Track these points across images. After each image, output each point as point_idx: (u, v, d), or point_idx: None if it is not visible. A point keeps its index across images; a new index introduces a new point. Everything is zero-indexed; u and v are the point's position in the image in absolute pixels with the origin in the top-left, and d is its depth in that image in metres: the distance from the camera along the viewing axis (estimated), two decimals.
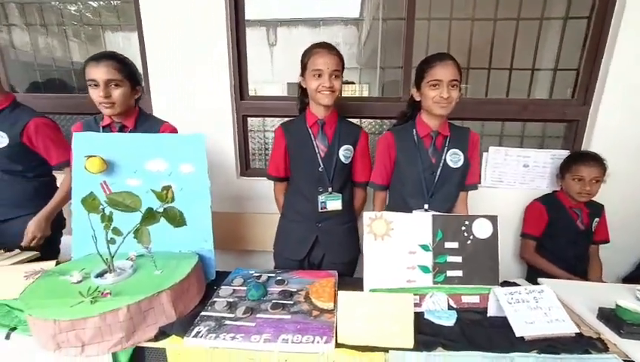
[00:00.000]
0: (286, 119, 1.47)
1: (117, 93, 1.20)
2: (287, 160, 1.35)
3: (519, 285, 1.04)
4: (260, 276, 1.15)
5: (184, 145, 1.10)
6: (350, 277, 1.24)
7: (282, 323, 0.88)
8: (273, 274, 1.16)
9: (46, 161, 1.49)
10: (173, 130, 1.34)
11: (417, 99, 1.24)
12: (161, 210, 0.83)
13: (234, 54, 1.64)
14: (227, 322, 0.88)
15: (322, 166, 1.28)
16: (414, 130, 1.25)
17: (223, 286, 1.06)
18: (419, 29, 1.66)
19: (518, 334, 0.83)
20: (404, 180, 1.25)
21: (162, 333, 0.86)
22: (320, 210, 1.29)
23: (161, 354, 0.87)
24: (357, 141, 1.33)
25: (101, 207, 0.83)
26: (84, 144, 1.10)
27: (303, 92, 1.32)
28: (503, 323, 0.90)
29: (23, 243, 1.39)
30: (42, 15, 2.04)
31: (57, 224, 1.60)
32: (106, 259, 0.94)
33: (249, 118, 1.78)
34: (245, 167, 1.83)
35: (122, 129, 1.28)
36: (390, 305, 0.85)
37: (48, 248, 1.47)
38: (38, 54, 2.11)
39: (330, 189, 1.29)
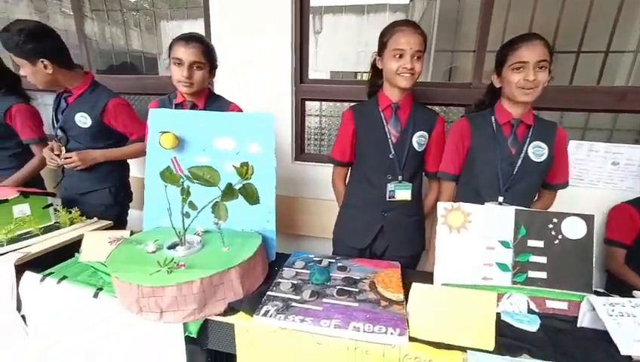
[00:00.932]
0: (347, 104, 1.42)
1: (198, 74, 1.23)
2: (354, 144, 1.29)
3: (610, 295, 0.92)
4: (321, 261, 1.13)
5: (253, 125, 1.10)
6: (415, 270, 1.18)
7: (350, 310, 0.85)
8: (333, 260, 1.14)
9: (123, 138, 1.61)
10: (240, 111, 1.36)
11: (497, 85, 1.12)
12: (238, 186, 0.82)
13: (297, 38, 1.62)
14: (294, 304, 0.87)
15: (393, 152, 1.21)
16: (493, 118, 1.14)
17: (285, 268, 1.06)
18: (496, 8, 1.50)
19: (623, 352, 0.73)
20: (478, 171, 1.15)
21: (231, 309, 0.87)
22: (388, 199, 1.23)
23: (229, 329, 0.89)
24: (433, 128, 1.24)
25: (181, 180, 0.84)
26: (159, 120, 1.13)
27: (377, 73, 1.26)
28: (597, 337, 0.79)
29: (63, 154, 1.47)
30: (105, 4, 2.17)
31: (125, 197, 1.72)
32: (179, 232, 0.96)
33: (307, 102, 1.75)
34: (300, 151, 1.82)
35: (193, 107, 1.32)
36: (469, 302, 0.79)
37: (118, 219, 1.58)
38: (102, 42, 2.26)
39: (400, 178, 1.22)
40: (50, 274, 1.01)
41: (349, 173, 1.37)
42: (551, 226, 0.91)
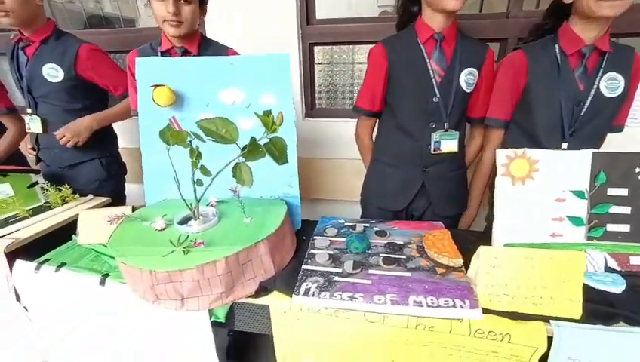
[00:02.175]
0: (367, 46, 1.18)
1: (187, 10, 0.99)
2: (386, 88, 1.07)
3: None
4: (354, 226, 0.99)
5: (265, 69, 0.90)
6: (464, 230, 1.04)
7: (404, 281, 0.73)
8: (368, 225, 1.00)
9: (104, 95, 1.38)
10: None
11: (568, 0, 0.89)
12: (263, 141, 0.64)
13: None
14: (337, 278, 0.74)
15: (438, 95, 1.00)
16: (556, 47, 0.93)
17: (316, 237, 0.92)
18: None
19: None
20: (537, 114, 0.97)
21: (264, 289, 0.74)
22: (432, 152, 1.04)
23: (262, 311, 0.77)
24: (482, 63, 1.01)
25: (189, 139, 0.67)
26: (148, 71, 0.93)
27: None
28: None
29: (56, 136, 1.27)
30: None
31: (119, 169, 1.54)
32: (191, 204, 0.81)
33: (315, 47, 1.51)
34: (311, 107, 1.61)
35: (185, 54, 1.09)
36: (552, 264, 0.66)
37: (115, 195, 1.41)
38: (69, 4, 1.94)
39: (446, 125, 1.02)
40: (47, 262, 0.87)
41: (377, 125, 1.18)
42: (639, 170, 0.76)
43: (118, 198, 1.43)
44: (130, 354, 0.86)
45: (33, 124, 1.31)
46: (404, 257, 0.82)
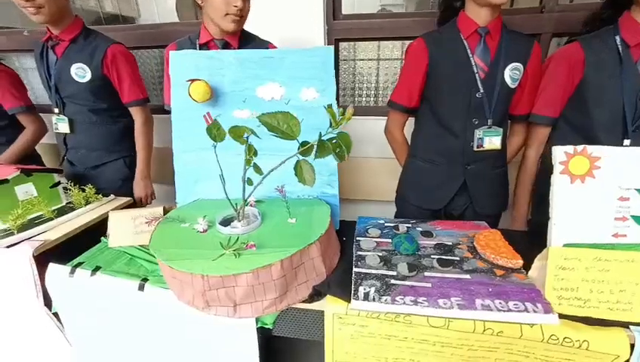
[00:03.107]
0: (390, 43, 1.14)
1: (247, 4, 0.97)
2: (424, 84, 1.04)
3: None
4: (397, 226, 0.95)
5: (307, 63, 0.86)
6: (506, 230, 1.00)
7: (465, 284, 0.69)
8: (410, 225, 0.97)
9: None
10: None
11: None
12: (328, 136, 0.59)
13: None
14: (393, 281, 0.71)
15: (482, 90, 0.96)
16: (617, 38, 0.88)
17: (360, 238, 0.89)
18: None
19: None
20: (595, 111, 0.92)
21: (317, 293, 0.71)
22: (475, 149, 1.00)
23: (314, 317, 0.74)
24: (528, 58, 0.97)
25: (246, 135, 0.63)
26: (184, 64, 0.89)
27: None
28: None
29: (143, 201, 1.40)
30: None
31: (131, 175, 1.50)
32: (236, 204, 0.77)
33: (341, 43, 1.47)
34: (337, 104, 1.56)
35: (225, 47, 1.05)
36: (630, 267, 0.63)
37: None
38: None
39: (489, 122, 0.99)
40: (80, 265, 0.83)
41: (415, 121, 1.14)
42: None
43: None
44: (171, 361, 0.82)
45: (61, 125, 1.29)
46: (458, 259, 0.79)
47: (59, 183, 1.18)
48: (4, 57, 1.75)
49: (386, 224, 0.97)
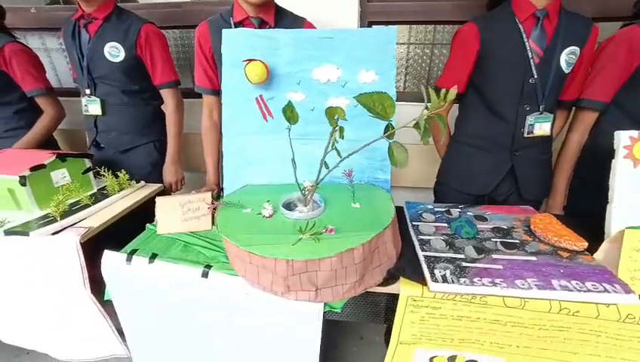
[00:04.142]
0: (424, 27, 1.09)
1: None
2: (474, 69, 1.02)
3: None
4: (448, 210, 0.96)
5: (368, 45, 0.84)
6: (560, 215, 1.01)
7: (536, 265, 0.71)
8: (460, 209, 0.97)
9: None
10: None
11: None
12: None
13: None
14: (465, 264, 0.71)
15: (536, 76, 0.94)
16: None
17: (416, 223, 0.89)
18: None
19: None
20: None
21: (392, 276, 0.71)
22: (526, 135, 1.00)
23: (384, 300, 0.74)
24: (586, 41, 0.94)
25: (335, 116, 0.61)
26: (237, 44, 0.86)
27: None
28: None
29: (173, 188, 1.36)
30: None
31: (161, 159, 1.46)
32: (303, 188, 0.76)
33: (374, 26, 1.43)
34: None
35: (261, 25, 1.00)
36: None
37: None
38: None
39: (541, 108, 0.97)
40: (134, 252, 0.81)
41: (460, 107, 1.12)
42: None
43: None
44: (231, 347, 0.82)
45: (92, 106, 1.23)
46: (518, 241, 0.80)
47: (90, 169, 1.14)
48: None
49: (436, 209, 0.98)
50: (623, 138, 0.77)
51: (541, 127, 0.99)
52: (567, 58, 0.95)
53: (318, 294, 0.65)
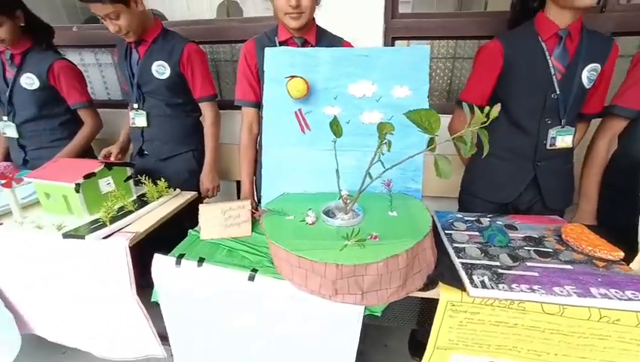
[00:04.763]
0: (444, 42, 1.14)
1: (306, 0, 0.97)
2: (497, 83, 1.06)
3: None
4: (478, 219, 0.99)
5: (402, 62, 0.89)
6: (594, 225, 1.03)
7: (572, 274, 0.73)
8: (488, 218, 1.00)
9: None
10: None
11: None
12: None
13: None
14: (501, 271, 0.74)
15: (558, 91, 0.99)
16: None
17: (449, 231, 0.92)
18: None
19: None
20: None
21: (432, 282, 0.74)
22: (548, 147, 1.04)
23: (422, 305, 0.77)
24: (607, 58, 0.98)
25: (385, 132, 0.66)
26: (279, 61, 0.92)
27: None
28: None
29: (208, 194, 1.44)
30: None
31: (198, 168, 1.53)
32: (343, 197, 0.80)
33: (397, 42, 1.50)
34: None
35: (304, 45, 1.08)
36: None
37: (197, 188, 1.41)
38: None
39: (563, 122, 1.02)
40: (182, 256, 0.86)
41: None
42: None
43: (199, 191, 1.42)
44: (271, 349, 0.86)
45: (138, 119, 1.34)
46: (551, 250, 0.82)
47: (131, 177, 1.21)
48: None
49: (466, 218, 1.01)
50: None
51: (563, 139, 1.03)
52: (588, 74, 0.99)
53: (364, 297, 0.69)
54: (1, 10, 1.17)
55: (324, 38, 1.10)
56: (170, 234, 1.06)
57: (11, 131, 1.36)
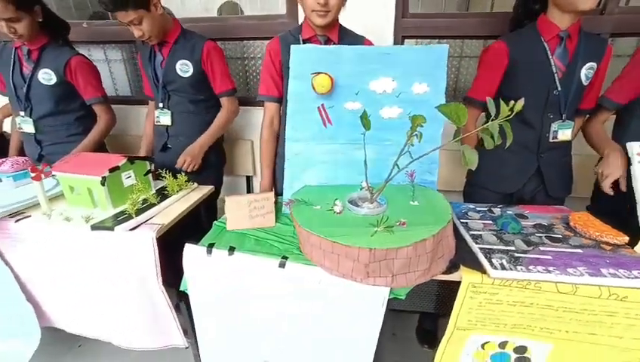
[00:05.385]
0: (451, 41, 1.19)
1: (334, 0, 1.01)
2: (502, 81, 1.14)
3: None
4: (490, 209, 1.05)
5: (421, 60, 0.93)
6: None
7: (583, 256, 0.79)
8: (499, 208, 1.06)
9: None
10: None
11: None
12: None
13: None
14: (517, 255, 0.80)
15: (559, 88, 1.07)
16: None
17: (464, 220, 0.98)
18: None
19: None
20: None
21: (454, 266, 0.79)
22: (551, 140, 1.12)
23: (444, 288, 0.82)
24: (602, 57, 1.07)
25: (418, 125, 0.70)
26: (304, 58, 0.95)
27: None
28: None
29: (177, 165, 1.35)
30: None
31: (222, 157, 1.58)
32: (372, 187, 0.85)
33: (406, 40, 1.54)
34: None
35: (327, 42, 1.12)
36: None
37: (215, 182, 1.44)
38: None
39: (563, 116, 1.10)
40: (213, 246, 0.89)
41: (486, 115, 1.23)
42: None
43: (217, 185, 1.46)
44: (296, 332, 0.90)
45: (163, 118, 1.39)
46: (560, 236, 0.88)
47: (150, 171, 1.23)
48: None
49: (478, 208, 1.07)
50: (635, 147, 0.88)
51: (564, 132, 1.11)
52: (586, 72, 1.07)
53: (394, 280, 0.73)
54: (21, 6, 1.18)
55: (346, 36, 1.14)
56: (188, 226, 1.10)
57: (28, 127, 1.36)
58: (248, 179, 1.88)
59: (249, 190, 1.90)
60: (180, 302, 1.15)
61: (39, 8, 1.26)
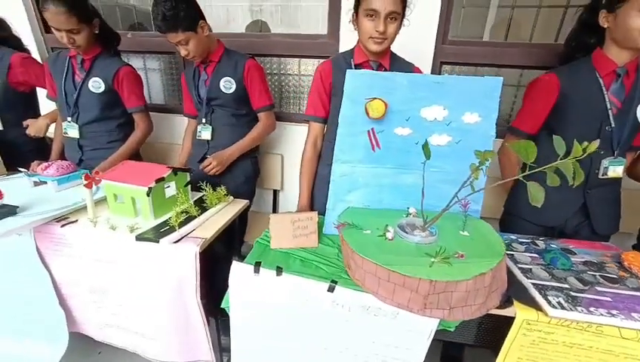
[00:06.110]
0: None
1: (392, 27, 1.03)
2: (549, 114, 1.12)
3: None
4: (534, 241, 1.03)
5: (476, 91, 0.94)
6: None
7: None
8: (542, 241, 1.05)
9: None
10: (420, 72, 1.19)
11: None
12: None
13: None
14: (574, 294, 0.78)
15: (612, 125, 1.04)
16: None
17: (512, 252, 0.96)
18: None
19: None
20: None
21: (508, 300, 0.78)
22: (600, 176, 1.09)
23: (494, 323, 0.81)
24: None
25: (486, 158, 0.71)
26: (359, 83, 0.96)
27: (589, 29, 1.08)
28: None
29: (201, 166, 1.38)
30: None
31: (258, 171, 1.60)
32: (425, 215, 0.85)
33: (444, 67, 1.57)
34: None
35: (379, 68, 1.14)
36: None
37: (250, 196, 1.45)
38: None
39: (616, 153, 1.07)
40: (259, 265, 0.89)
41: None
42: None
43: (250, 197, 1.48)
44: (340, 359, 0.88)
45: (205, 133, 1.44)
46: (616, 276, 0.86)
47: (190, 182, 1.24)
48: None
49: (520, 239, 1.05)
50: None
51: (615, 169, 1.08)
52: None
53: (451, 313, 0.72)
54: (82, 19, 1.23)
55: (397, 63, 1.16)
56: (221, 238, 1.10)
57: (74, 132, 1.40)
58: (275, 192, 1.89)
59: (275, 204, 1.90)
60: (210, 317, 1.15)
61: (97, 21, 1.31)
